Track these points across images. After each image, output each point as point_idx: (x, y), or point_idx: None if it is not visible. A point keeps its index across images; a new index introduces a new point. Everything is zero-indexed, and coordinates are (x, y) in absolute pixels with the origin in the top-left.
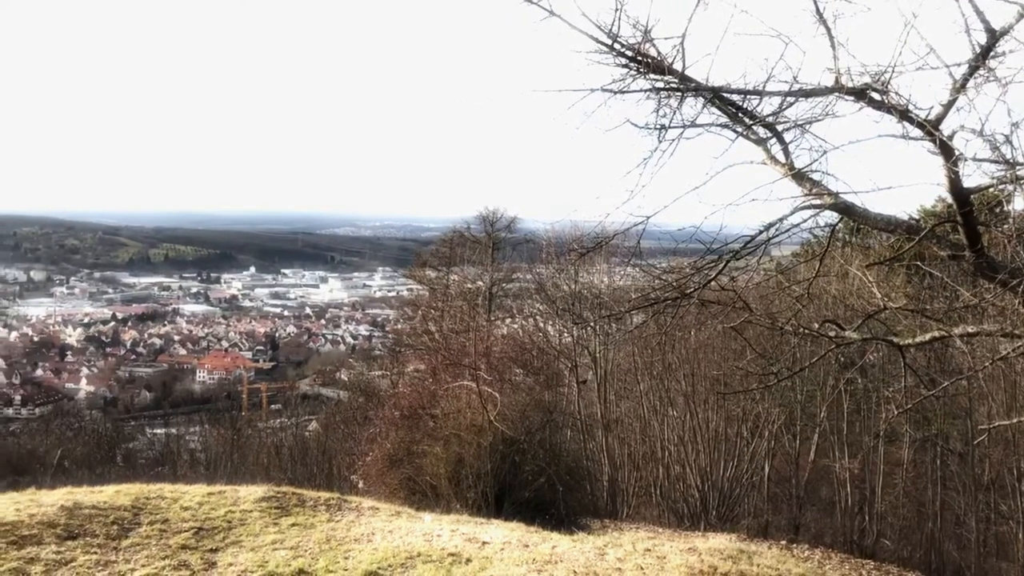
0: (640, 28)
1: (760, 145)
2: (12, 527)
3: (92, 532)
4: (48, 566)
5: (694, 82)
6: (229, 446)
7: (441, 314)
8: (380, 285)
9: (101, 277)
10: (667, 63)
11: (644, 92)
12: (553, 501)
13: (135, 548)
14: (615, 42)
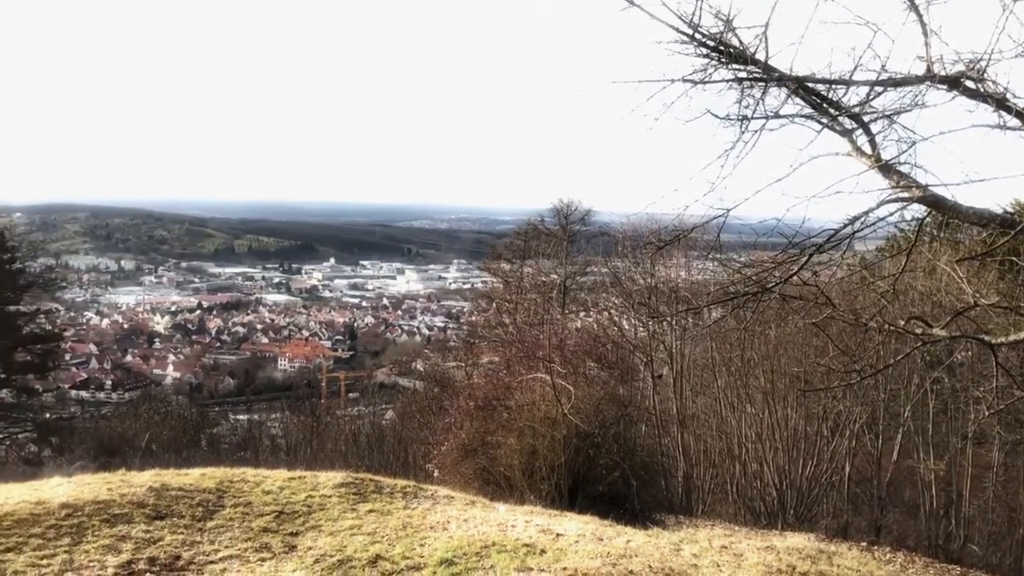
0: (722, 18)
1: (845, 136)
2: (105, 506)
3: (179, 513)
4: (138, 544)
5: (778, 72)
6: (309, 433)
7: (515, 306)
8: (455, 277)
9: (188, 267)
10: (749, 53)
11: (726, 83)
12: (627, 496)
13: (219, 530)
14: (696, 32)
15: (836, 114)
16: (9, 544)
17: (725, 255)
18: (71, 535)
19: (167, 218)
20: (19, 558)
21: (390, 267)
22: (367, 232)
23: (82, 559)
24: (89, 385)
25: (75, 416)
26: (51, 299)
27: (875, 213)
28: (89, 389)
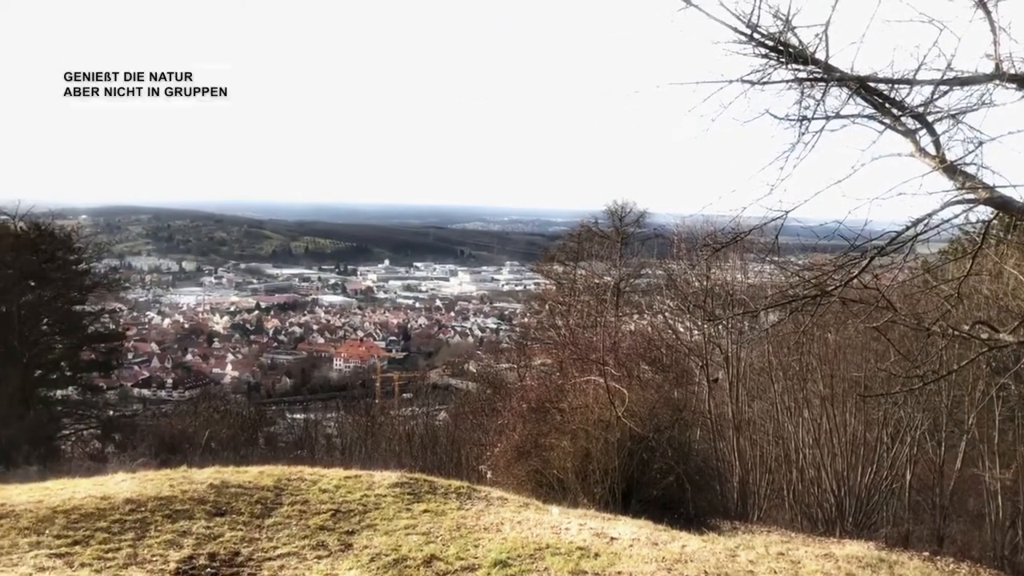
0: (781, 17)
1: (908, 137)
2: (167, 501)
3: (238, 510)
4: (199, 540)
5: (839, 72)
6: (363, 432)
7: (568, 309)
8: (508, 279)
9: (246, 268)
10: (809, 52)
11: (785, 83)
12: (682, 500)
13: (277, 527)
14: (754, 32)
15: (899, 114)
16: (76, 537)
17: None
18: (135, 530)
19: (226, 220)
20: (86, 551)
21: (443, 268)
22: (421, 234)
23: (145, 553)
24: (151, 383)
25: (137, 413)
26: (115, 299)
27: (939, 215)
28: (151, 387)
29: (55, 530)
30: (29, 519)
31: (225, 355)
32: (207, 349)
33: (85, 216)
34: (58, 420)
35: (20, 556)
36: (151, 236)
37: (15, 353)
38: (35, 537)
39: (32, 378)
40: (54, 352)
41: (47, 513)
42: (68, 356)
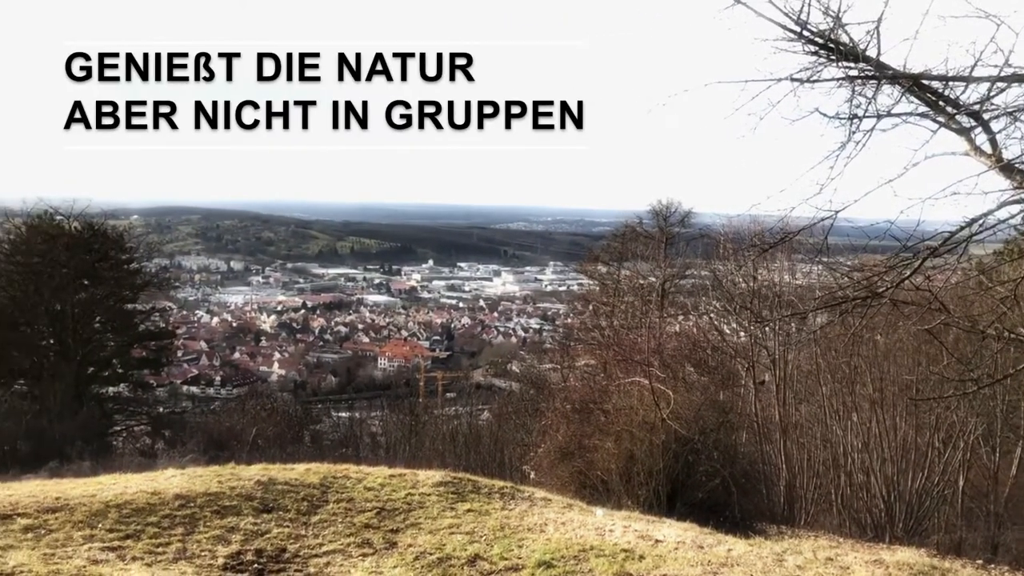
0: (831, 14)
1: (963, 135)
2: (215, 497)
3: (284, 507)
4: (246, 536)
5: (891, 69)
6: (407, 431)
7: (612, 309)
8: (551, 279)
9: (293, 267)
10: (861, 50)
11: (835, 81)
12: (727, 503)
13: (323, 524)
14: (804, 29)
15: (954, 112)
16: (128, 531)
17: (832, 258)
18: (184, 525)
19: (274, 220)
20: (137, 544)
21: (486, 269)
22: (464, 234)
23: (194, 548)
24: (199, 381)
25: (186, 410)
26: (165, 298)
27: (995, 215)
28: (199, 385)
29: (108, 524)
30: (83, 512)
31: (272, 354)
32: (254, 347)
33: (137, 216)
34: (110, 416)
35: (75, 549)
36: (200, 236)
37: (69, 350)
38: (89, 530)
39: (85, 375)
40: (106, 350)
41: (100, 507)
42: (120, 354)
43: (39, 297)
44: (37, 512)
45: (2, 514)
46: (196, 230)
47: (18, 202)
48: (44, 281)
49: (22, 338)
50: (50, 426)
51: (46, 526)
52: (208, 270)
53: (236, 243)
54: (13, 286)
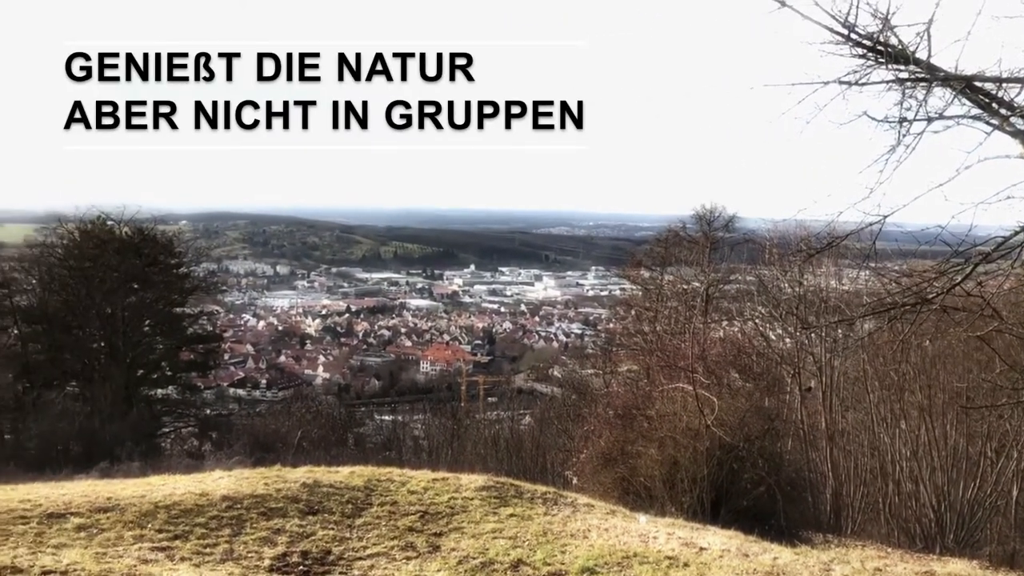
0: (879, 16)
1: (1018, 138)
2: (262, 499)
3: (329, 509)
4: (292, 537)
5: (942, 71)
6: (449, 435)
7: (655, 314)
8: (593, 284)
9: (337, 272)
10: (911, 52)
11: (885, 84)
12: (773, 511)
13: (367, 527)
14: (852, 31)
15: (1008, 114)
16: (177, 531)
17: (880, 264)
18: (231, 526)
19: (319, 225)
20: (186, 545)
21: (528, 273)
22: (506, 239)
23: (241, 549)
24: (246, 383)
25: (233, 413)
26: (213, 302)
27: None
28: (246, 387)
29: (157, 524)
30: (133, 513)
31: (317, 357)
32: (300, 351)
33: (185, 221)
34: (159, 418)
35: (125, 548)
36: (247, 241)
37: (119, 353)
38: (139, 530)
39: (135, 377)
40: (155, 352)
41: (150, 508)
42: (168, 356)
43: (91, 300)
44: (89, 511)
45: (56, 513)
46: (243, 235)
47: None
48: (96, 285)
49: (74, 341)
50: (101, 427)
51: (98, 525)
52: (255, 274)
53: (282, 248)
54: (66, 290)
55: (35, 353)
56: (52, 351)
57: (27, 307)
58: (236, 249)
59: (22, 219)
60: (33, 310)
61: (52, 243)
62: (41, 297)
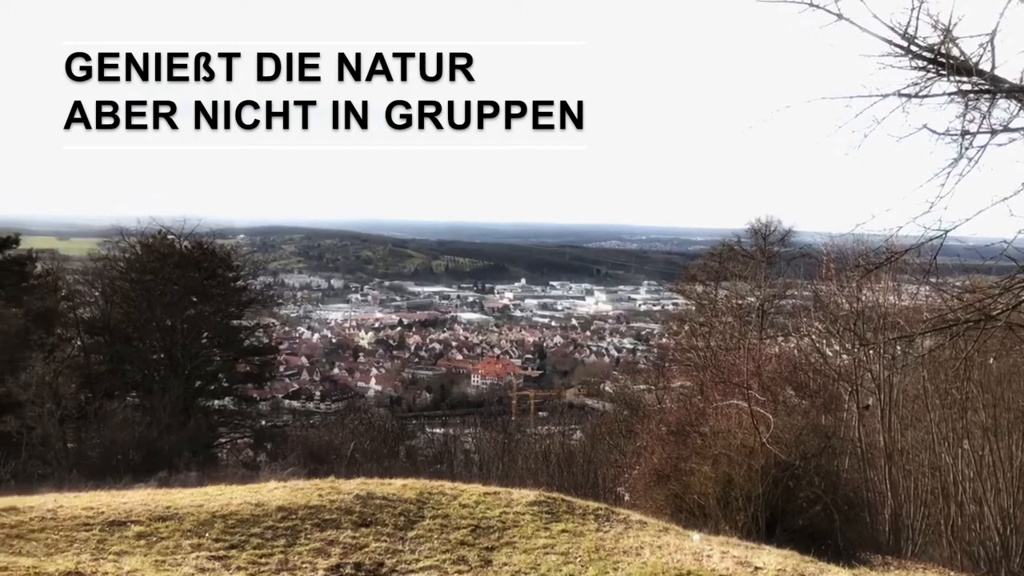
0: (941, 27)
1: None
2: (316, 510)
3: (382, 521)
4: (345, 549)
5: (1007, 83)
6: (500, 449)
7: (709, 330)
8: (645, 299)
9: (390, 286)
10: (973, 63)
11: (946, 96)
12: (830, 531)
13: (419, 540)
14: (911, 43)
15: None
16: (233, 541)
17: (941, 279)
18: (286, 536)
19: (372, 239)
20: (242, 555)
21: (579, 287)
22: (557, 253)
23: (296, 560)
24: (300, 395)
25: (287, 424)
26: (269, 314)
27: None
28: (300, 399)
29: (214, 533)
30: (191, 522)
31: (370, 369)
32: (353, 363)
33: (243, 235)
34: (215, 429)
35: (183, 557)
36: (303, 254)
37: (178, 365)
38: (196, 539)
39: (193, 388)
40: (213, 364)
41: (207, 517)
42: (225, 368)
43: (151, 313)
44: (149, 520)
45: (118, 521)
46: (299, 249)
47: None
48: (156, 298)
49: (135, 352)
50: (160, 437)
51: (157, 534)
52: (309, 287)
53: (336, 261)
54: (128, 302)
55: (97, 364)
56: (114, 362)
57: (90, 319)
58: (292, 263)
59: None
60: (96, 322)
61: (115, 256)
62: (104, 309)
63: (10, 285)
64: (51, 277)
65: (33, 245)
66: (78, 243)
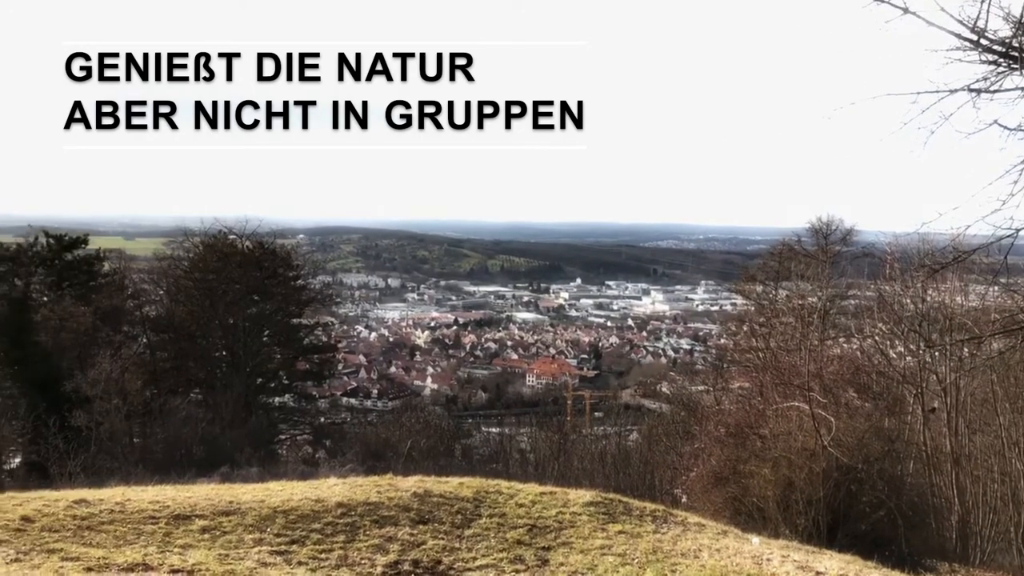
0: (1012, 20)
1: None
2: (374, 507)
3: (439, 519)
4: (403, 546)
5: None
6: (556, 449)
7: (769, 330)
8: (702, 299)
9: (446, 285)
10: None
11: (1019, 91)
12: (893, 537)
13: (476, 538)
14: (981, 37)
15: None
16: (294, 536)
17: (1012, 279)
18: (345, 533)
19: (428, 239)
20: (303, 550)
21: (635, 287)
22: (613, 252)
23: (355, 556)
24: (358, 393)
25: (346, 421)
26: (328, 313)
27: None
28: (358, 397)
29: (275, 528)
30: (253, 517)
31: (426, 368)
32: (409, 362)
33: (302, 236)
34: (275, 425)
35: (246, 551)
36: (360, 254)
37: (240, 362)
38: (258, 534)
39: (254, 385)
40: (273, 362)
41: (269, 512)
42: (286, 366)
43: (214, 311)
44: (213, 514)
45: (182, 515)
46: (356, 248)
47: (196, 221)
48: (219, 296)
49: (198, 350)
50: (222, 433)
51: (220, 528)
52: (367, 287)
53: (393, 261)
54: (191, 301)
55: (162, 361)
56: (178, 359)
57: (155, 317)
58: (350, 262)
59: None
60: (161, 320)
61: (179, 256)
62: (168, 307)
63: (79, 284)
64: (118, 276)
65: (101, 245)
66: (144, 243)
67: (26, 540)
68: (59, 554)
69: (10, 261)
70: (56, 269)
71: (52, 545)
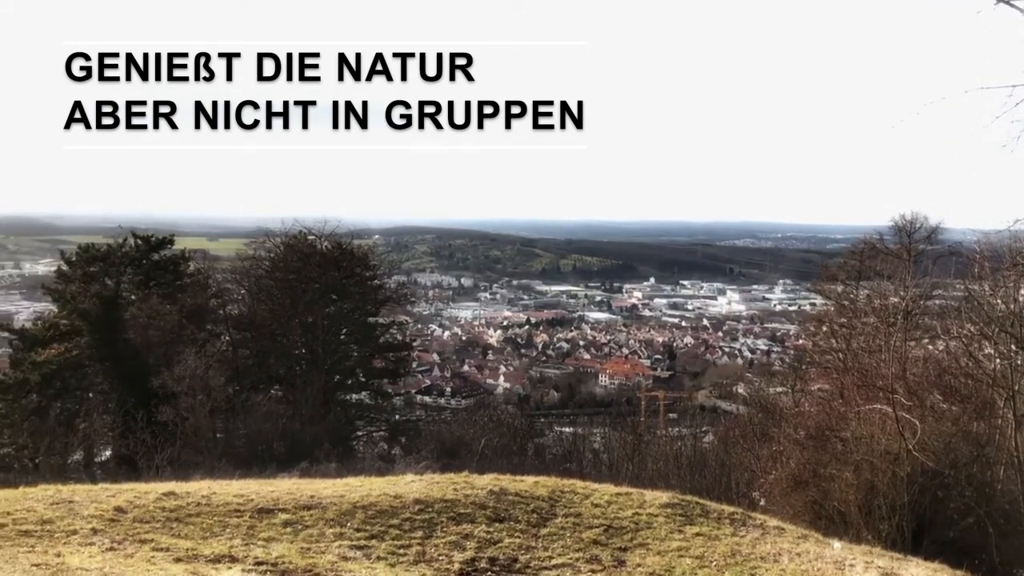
0: None
1: None
2: (451, 504)
3: (515, 517)
4: (480, 543)
5: None
6: (630, 450)
7: (850, 331)
8: (780, 299)
9: (518, 284)
10: None
11: None
12: (983, 546)
13: (551, 537)
14: None
15: None
16: (373, 531)
17: None
18: (423, 529)
19: (501, 239)
20: (381, 545)
21: (711, 287)
22: (687, 251)
23: (432, 552)
24: (432, 391)
25: (420, 419)
26: (403, 312)
27: None
28: (432, 395)
29: (355, 523)
30: (334, 512)
31: (498, 367)
32: (482, 360)
33: (378, 236)
34: (353, 422)
35: (327, 545)
36: (434, 254)
37: (319, 360)
38: (339, 528)
39: (332, 383)
40: (350, 360)
41: (348, 507)
42: (362, 364)
43: (294, 310)
44: (295, 508)
45: (266, 508)
46: (430, 248)
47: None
48: (298, 295)
49: (279, 347)
50: (302, 429)
51: (302, 522)
52: (441, 286)
53: (466, 261)
54: (272, 300)
55: (244, 358)
56: (259, 357)
57: (237, 316)
58: (424, 262)
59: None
60: (243, 318)
61: (260, 256)
62: (250, 306)
63: (165, 283)
64: (202, 276)
65: (186, 245)
66: (226, 243)
67: (119, 530)
68: (150, 544)
69: (101, 261)
70: (144, 269)
71: (144, 536)
